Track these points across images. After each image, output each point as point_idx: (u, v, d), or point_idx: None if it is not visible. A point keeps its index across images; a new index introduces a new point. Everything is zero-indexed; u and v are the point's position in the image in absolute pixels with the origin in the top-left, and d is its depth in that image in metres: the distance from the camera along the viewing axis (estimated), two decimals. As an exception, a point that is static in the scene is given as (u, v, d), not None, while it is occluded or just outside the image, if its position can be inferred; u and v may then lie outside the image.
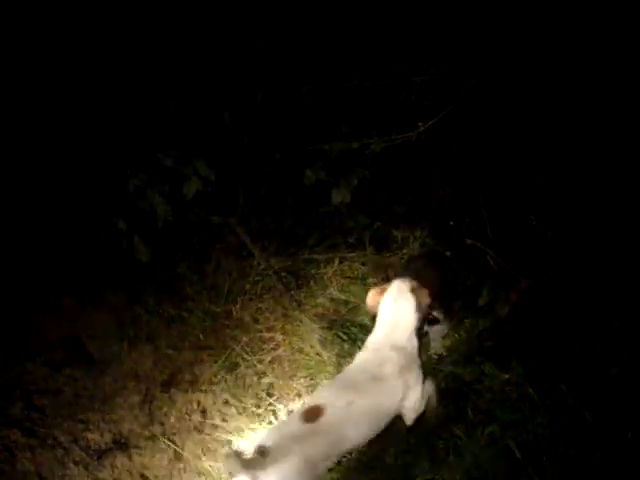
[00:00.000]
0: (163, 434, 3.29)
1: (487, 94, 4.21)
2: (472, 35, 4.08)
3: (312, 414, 2.63)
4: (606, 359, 3.27)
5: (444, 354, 3.61)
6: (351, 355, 3.57)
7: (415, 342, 3.00)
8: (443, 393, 3.25)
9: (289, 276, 4.22)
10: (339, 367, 3.52)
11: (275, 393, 3.48)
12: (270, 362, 3.65)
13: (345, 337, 3.73)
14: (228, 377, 3.59)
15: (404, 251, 4.63)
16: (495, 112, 4.39)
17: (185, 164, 3.80)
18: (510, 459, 2.81)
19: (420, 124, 4.19)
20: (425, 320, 3.26)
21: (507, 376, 3.29)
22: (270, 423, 3.31)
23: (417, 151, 4.61)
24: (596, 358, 3.31)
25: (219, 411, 3.41)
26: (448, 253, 4.50)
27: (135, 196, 3.70)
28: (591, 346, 3.39)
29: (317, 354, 3.61)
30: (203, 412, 3.41)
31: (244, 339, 3.80)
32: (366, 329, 3.80)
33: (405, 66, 4.21)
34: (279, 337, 3.77)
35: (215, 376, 3.60)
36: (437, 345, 3.60)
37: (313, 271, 4.27)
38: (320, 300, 3.99)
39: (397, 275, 3.35)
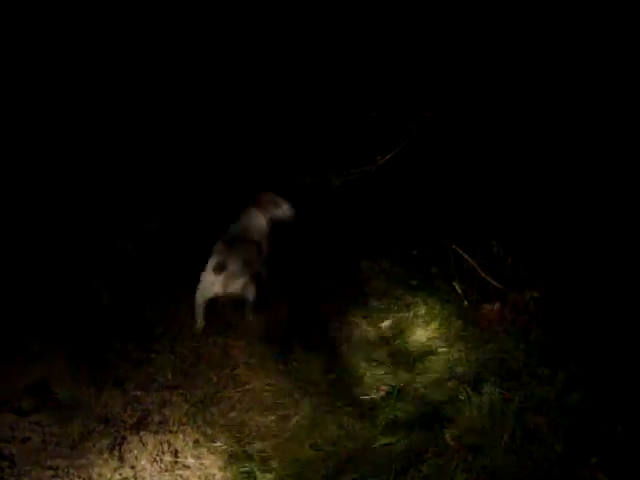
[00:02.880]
0: (134, 477, 3.22)
1: (443, 125, 4.33)
2: (425, 69, 4.21)
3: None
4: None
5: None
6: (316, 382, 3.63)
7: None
8: (414, 418, 3.30)
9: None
10: (310, 398, 3.55)
11: (246, 430, 3.47)
12: (240, 399, 3.65)
13: (312, 372, 3.77)
14: (198, 416, 3.56)
15: (371, 283, 4.69)
16: (452, 142, 4.51)
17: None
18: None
19: (378, 157, 4.29)
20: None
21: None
22: (243, 460, 3.30)
23: (378, 184, 4.71)
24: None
25: (191, 451, 3.38)
26: (415, 282, 4.58)
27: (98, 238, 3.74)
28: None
29: (285, 388, 3.62)
30: (174, 453, 3.36)
31: (213, 377, 3.80)
32: (334, 356, 3.88)
33: (362, 103, 4.32)
34: (247, 373, 3.78)
35: (185, 416, 3.56)
36: None
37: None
38: (288, 337, 4.02)
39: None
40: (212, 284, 4.11)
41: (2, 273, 4.36)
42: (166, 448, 3.38)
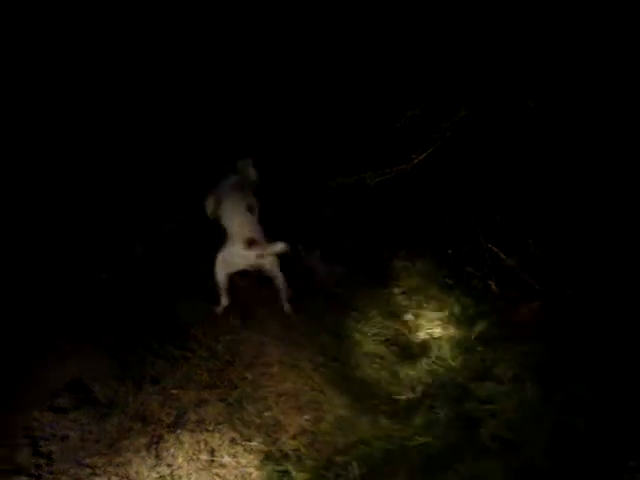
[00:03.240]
0: (171, 475, 3.25)
1: (478, 124, 4.29)
2: (461, 67, 4.18)
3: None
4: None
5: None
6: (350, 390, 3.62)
7: None
8: (451, 417, 3.30)
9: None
10: (345, 397, 3.54)
11: (281, 429, 3.47)
12: (275, 398, 3.65)
13: (346, 371, 3.76)
14: (234, 415, 3.57)
15: (405, 282, 4.67)
16: (487, 140, 4.46)
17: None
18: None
19: (414, 156, 4.27)
20: None
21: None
22: (278, 459, 3.30)
23: (413, 183, 4.68)
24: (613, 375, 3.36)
25: (227, 450, 3.39)
26: (450, 281, 4.55)
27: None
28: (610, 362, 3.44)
29: (319, 387, 3.62)
30: (211, 452, 3.38)
31: (248, 376, 3.81)
32: (369, 355, 3.87)
33: (397, 101, 4.30)
34: (282, 371, 3.79)
35: (221, 415, 3.58)
36: None
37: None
38: (320, 334, 4.02)
39: None
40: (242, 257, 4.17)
41: (33, 274, 4.45)
42: (202, 447, 3.40)
